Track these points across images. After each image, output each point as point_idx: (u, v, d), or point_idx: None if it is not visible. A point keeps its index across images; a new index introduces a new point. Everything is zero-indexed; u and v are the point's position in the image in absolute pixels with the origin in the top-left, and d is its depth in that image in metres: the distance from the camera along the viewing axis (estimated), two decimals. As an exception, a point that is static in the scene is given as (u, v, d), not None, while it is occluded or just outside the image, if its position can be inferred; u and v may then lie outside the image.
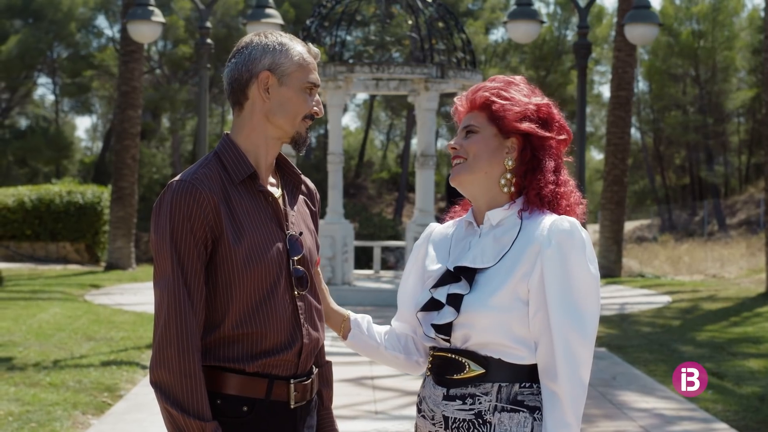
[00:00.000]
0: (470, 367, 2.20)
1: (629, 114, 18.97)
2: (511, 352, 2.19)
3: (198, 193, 2.18)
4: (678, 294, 14.76)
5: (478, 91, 2.29)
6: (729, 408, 6.70)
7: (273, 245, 2.25)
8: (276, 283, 2.23)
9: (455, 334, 2.22)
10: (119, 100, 18.78)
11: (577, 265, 2.16)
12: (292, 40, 2.30)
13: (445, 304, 2.22)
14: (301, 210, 2.39)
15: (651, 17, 10.58)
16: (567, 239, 2.16)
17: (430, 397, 2.27)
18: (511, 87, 2.28)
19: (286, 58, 2.25)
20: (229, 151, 2.27)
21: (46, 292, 13.36)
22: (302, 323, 2.27)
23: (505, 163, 2.25)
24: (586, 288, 2.17)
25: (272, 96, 2.25)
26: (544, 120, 2.26)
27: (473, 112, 2.29)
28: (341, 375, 7.47)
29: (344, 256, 13.55)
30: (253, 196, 2.27)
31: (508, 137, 2.25)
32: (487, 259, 2.22)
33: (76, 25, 35.34)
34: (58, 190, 20.18)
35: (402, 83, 14.56)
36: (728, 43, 35.93)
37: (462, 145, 2.27)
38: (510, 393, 2.19)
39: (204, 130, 10.84)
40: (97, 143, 47.92)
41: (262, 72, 2.24)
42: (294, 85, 2.25)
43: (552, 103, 2.31)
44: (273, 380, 2.23)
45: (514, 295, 2.18)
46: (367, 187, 40.12)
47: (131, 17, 11.05)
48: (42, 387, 6.93)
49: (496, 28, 40.00)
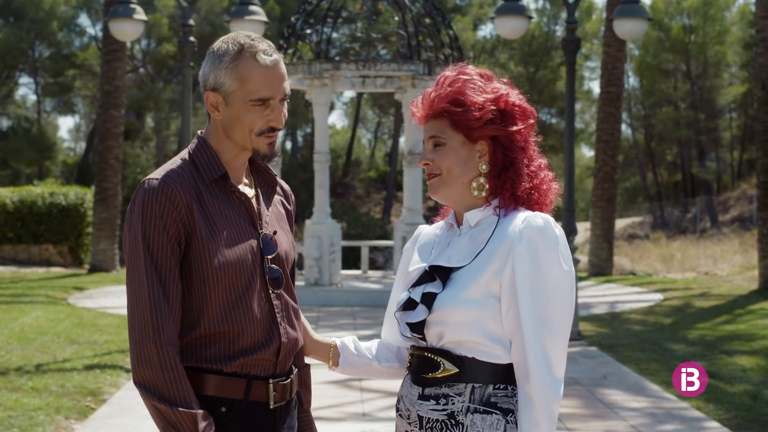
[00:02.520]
0: (445, 366, 2.21)
1: (619, 110, 18.94)
2: (486, 350, 2.19)
3: (170, 191, 2.18)
4: (670, 292, 14.76)
5: (432, 98, 2.25)
6: (721, 406, 6.67)
7: (246, 244, 2.25)
8: (251, 282, 2.23)
9: (429, 332, 2.22)
10: (102, 99, 18.62)
11: (549, 262, 2.15)
12: (248, 48, 2.20)
13: (419, 302, 2.23)
14: (276, 210, 2.39)
15: (640, 12, 10.53)
16: (539, 236, 2.16)
17: (406, 396, 2.28)
18: (466, 86, 2.23)
19: (227, 77, 2.19)
20: (201, 151, 2.27)
21: (28, 295, 13.27)
22: (279, 322, 2.27)
23: (479, 168, 2.25)
24: (558, 285, 2.16)
25: (222, 113, 2.23)
26: (506, 112, 2.24)
27: (434, 121, 2.26)
28: (328, 377, 7.36)
29: (331, 257, 13.45)
30: (225, 196, 2.27)
31: (476, 142, 2.24)
32: (462, 257, 2.23)
33: (57, 24, 35.06)
34: (40, 191, 19.97)
35: (389, 80, 14.46)
36: (719, 38, 35.88)
37: (433, 160, 2.26)
38: (483, 394, 2.19)
39: (188, 130, 10.70)
40: (80, 144, 47.73)
41: (208, 93, 2.23)
42: (238, 103, 2.21)
43: (507, 89, 2.27)
44: (251, 380, 2.22)
45: (485, 291, 2.18)
46: (354, 186, 40.01)
47: (113, 15, 10.92)
48: (24, 392, 6.87)
49: (484, 24, 39.96)
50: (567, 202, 10.18)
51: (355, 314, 12.02)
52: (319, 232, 13.40)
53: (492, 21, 11.66)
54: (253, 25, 11.10)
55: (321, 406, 6.61)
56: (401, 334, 2.30)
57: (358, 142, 46.22)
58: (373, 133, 48.65)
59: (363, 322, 11.27)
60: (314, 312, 12.00)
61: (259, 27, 11.23)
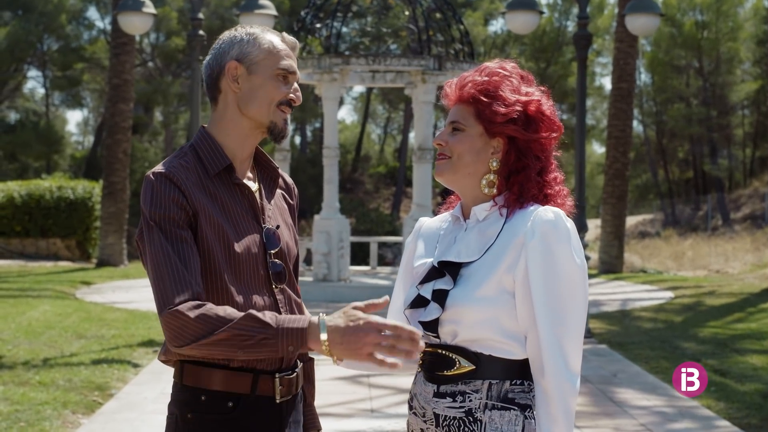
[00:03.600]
0: (460, 364, 2.19)
1: (631, 106, 18.86)
2: (501, 347, 2.18)
3: (174, 176, 2.18)
4: (680, 290, 14.70)
5: (466, 83, 2.26)
6: (731, 405, 6.64)
7: (250, 238, 2.24)
8: (254, 277, 2.23)
9: (443, 330, 2.21)
10: (110, 93, 18.62)
11: (562, 256, 2.14)
12: (264, 31, 2.30)
13: (430, 300, 2.21)
14: (279, 204, 2.38)
15: (653, 7, 10.47)
16: (551, 230, 2.15)
17: (420, 394, 2.26)
18: (502, 82, 2.23)
19: (253, 47, 2.26)
20: (204, 143, 2.27)
21: (36, 289, 13.28)
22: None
23: (489, 164, 2.24)
24: (572, 278, 2.15)
25: (242, 85, 2.25)
26: (532, 118, 2.22)
27: (460, 105, 2.26)
28: (336, 373, 7.34)
29: (340, 252, 13.41)
30: (229, 189, 2.26)
31: (494, 137, 2.23)
32: (471, 253, 2.21)
33: (66, 17, 35.01)
34: (48, 185, 19.99)
35: (399, 75, 14.40)
36: (732, 34, 35.62)
37: (448, 142, 2.26)
38: (501, 390, 2.18)
39: (196, 124, 10.66)
40: (88, 137, 47.71)
41: (229, 62, 2.25)
42: (264, 72, 2.25)
43: (541, 96, 2.26)
44: (258, 375, 2.21)
45: (499, 288, 2.16)
46: (364, 181, 39.96)
47: (122, 8, 10.89)
48: (31, 386, 6.87)
49: (495, 19, 39.83)
50: (578, 199, 10.14)
51: (364, 310, 11.97)
52: (328, 227, 13.36)
53: (503, 16, 11.58)
54: (263, 19, 11.04)
55: (329, 402, 6.59)
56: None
57: (367, 138, 46.17)
58: (383, 129, 48.61)
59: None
60: (322, 308, 11.96)
61: (269, 21, 11.18)
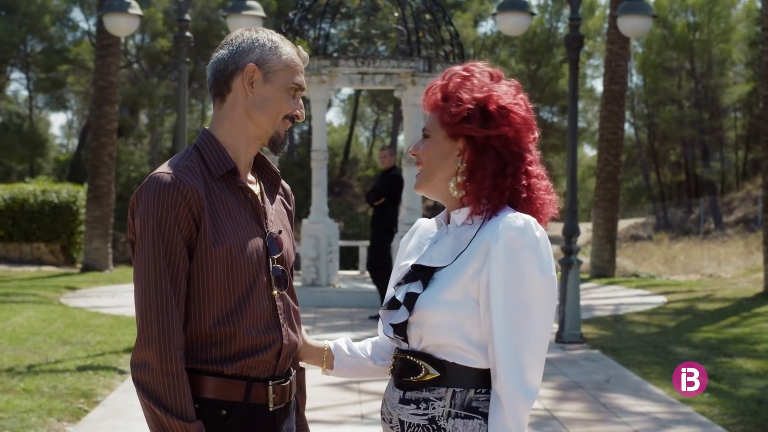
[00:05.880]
0: (427, 371, 2.19)
1: (623, 109, 18.84)
2: (466, 355, 2.17)
3: (183, 185, 2.15)
4: (673, 294, 14.68)
5: (430, 89, 2.25)
6: (726, 411, 6.62)
7: (253, 243, 2.24)
8: (255, 282, 2.22)
9: (410, 334, 2.20)
10: (95, 95, 18.48)
11: (527, 265, 2.11)
12: (283, 40, 2.32)
13: (402, 303, 2.21)
14: (279, 209, 2.38)
15: (644, 9, 10.42)
16: (517, 237, 2.11)
17: (389, 399, 2.27)
18: (463, 83, 2.20)
19: (274, 56, 2.26)
20: (209, 145, 2.26)
21: (19, 294, 13.14)
22: (281, 323, 2.26)
23: (456, 165, 2.22)
24: (535, 289, 2.11)
25: (255, 91, 2.25)
26: (491, 114, 2.17)
27: (431, 113, 2.26)
28: (326, 379, 7.24)
29: (329, 257, 13.30)
30: (232, 192, 2.25)
31: (456, 139, 2.21)
32: (444, 257, 2.20)
33: (50, 18, 34.77)
34: (32, 189, 19.77)
35: (388, 77, 14.29)
36: (724, 36, 35.67)
37: (419, 150, 2.26)
38: (464, 399, 2.17)
39: (183, 127, 10.54)
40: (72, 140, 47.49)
41: (248, 64, 2.24)
42: (279, 83, 2.26)
43: (506, 92, 2.19)
44: (251, 382, 2.21)
45: (464, 293, 2.14)
46: (352, 185, 39.83)
47: (107, 9, 10.76)
48: (16, 393, 6.81)
49: (485, 21, 39.85)
50: (569, 203, 10.07)
51: (353, 315, 11.90)
52: (317, 231, 13.25)
53: (493, 17, 11.51)
54: (250, 21, 10.91)
55: (319, 408, 6.57)
56: (384, 333, 2.27)
57: (355, 140, 46.08)
58: (372, 131, 48.49)
59: (360, 323, 11.15)
60: (311, 313, 11.85)
61: (257, 22, 11.05)
